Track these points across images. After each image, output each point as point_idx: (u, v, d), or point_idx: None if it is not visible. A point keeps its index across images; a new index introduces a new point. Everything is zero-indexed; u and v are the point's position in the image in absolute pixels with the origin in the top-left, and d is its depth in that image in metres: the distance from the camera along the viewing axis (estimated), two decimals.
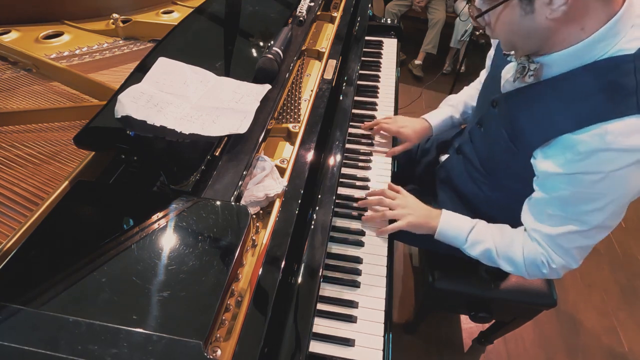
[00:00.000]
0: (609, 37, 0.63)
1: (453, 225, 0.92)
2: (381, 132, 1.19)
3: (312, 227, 0.81)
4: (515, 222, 0.87)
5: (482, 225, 0.91)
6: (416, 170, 1.32)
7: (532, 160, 0.76)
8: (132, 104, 0.72)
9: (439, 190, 1.15)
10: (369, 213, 0.97)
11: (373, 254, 0.92)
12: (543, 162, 0.72)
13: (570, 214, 0.73)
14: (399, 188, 1.02)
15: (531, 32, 0.67)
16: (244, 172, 0.73)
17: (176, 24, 0.97)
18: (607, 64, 0.64)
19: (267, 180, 0.75)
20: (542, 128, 0.71)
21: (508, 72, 0.83)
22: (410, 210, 0.94)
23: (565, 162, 0.68)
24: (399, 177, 1.12)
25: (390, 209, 0.95)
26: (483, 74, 1.16)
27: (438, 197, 1.15)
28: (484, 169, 0.96)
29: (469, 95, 1.18)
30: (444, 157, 1.19)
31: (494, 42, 0.98)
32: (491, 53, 1.02)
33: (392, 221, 0.95)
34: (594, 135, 0.63)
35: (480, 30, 2.81)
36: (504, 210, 0.93)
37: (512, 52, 0.77)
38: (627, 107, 0.61)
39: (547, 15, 0.62)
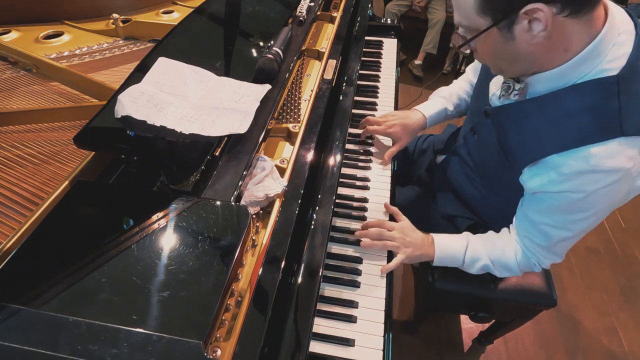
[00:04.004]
0: (591, 58, 0.63)
1: (448, 250, 0.92)
2: (375, 134, 1.15)
3: (312, 227, 0.81)
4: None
5: (473, 242, 0.92)
6: (414, 171, 1.32)
7: (520, 178, 0.77)
8: (132, 104, 0.72)
9: (438, 191, 1.15)
10: (367, 240, 0.92)
11: (373, 254, 0.92)
12: (529, 180, 0.74)
13: (556, 223, 0.76)
14: (395, 210, 0.98)
15: (515, 57, 0.67)
16: (244, 172, 0.73)
17: (176, 24, 0.97)
18: (591, 86, 0.64)
19: (267, 180, 0.75)
20: (530, 148, 0.73)
21: (495, 85, 0.84)
22: (407, 242, 0.91)
23: (550, 181, 0.70)
24: (398, 178, 1.12)
25: (389, 241, 0.91)
26: (470, 69, 1.15)
27: (436, 198, 1.15)
28: (479, 173, 0.97)
29: (461, 87, 1.16)
30: (440, 158, 1.19)
31: None
32: None
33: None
34: (579, 158, 0.65)
35: None
36: (502, 211, 0.94)
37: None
38: (611, 130, 0.63)
39: (528, 41, 0.62)
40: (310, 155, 0.85)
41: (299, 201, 0.75)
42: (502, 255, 0.89)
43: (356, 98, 1.28)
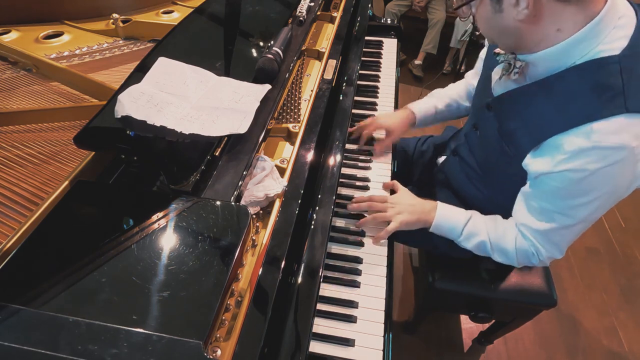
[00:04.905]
0: (589, 38, 0.64)
1: (449, 219, 0.93)
2: (364, 133, 1.15)
3: (312, 227, 0.81)
4: None
5: (476, 217, 0.92)
6: (414, 172, 1.32)
7: (523, 163, 0.76)
8: (132, 104, 0.72)
9: (438, 192, 1.15)
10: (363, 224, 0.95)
11: (373, 254, 0.92)
12: (533, 163, 0.74)
13: (558, 208, 0.75)
14: (391, 183, 1.02)
15: (503, 30, 0.69)
16: (244, 172, 0.73)
17: (176, 24, 0.97)
18: (593, 65, 0.65)
19: (267, 180, 0.75)
20: (533, 131, 0.72)
21: (497, 74, 0.84)
22: (401, 208, 0.93)
23: (553, 161, 0.69)
24: (398, 178, 1.12)
25: (381, 211, 0.94)
26: (470, 75, 1.16)
27: (437, 199, 1.15)
28: (481, 171, 0.97)
29: (455, 90, 1.18)
30: (441, 159, 1.19)
31: (487, 44, 0.98)
32: (482, 55, 1.02)
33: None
34: (580, 134, 0.64)
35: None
36: (502, 208, 0.93)
37: (501, 51, 0.79)
38: (615, 106, 0.62)
39: (514, 17, 0.64)
40: (310, 155, 0.85)
41: (299, 201, 0.75)
42: (503, 237, 0.87)
43: (356, 98, 1.28)
